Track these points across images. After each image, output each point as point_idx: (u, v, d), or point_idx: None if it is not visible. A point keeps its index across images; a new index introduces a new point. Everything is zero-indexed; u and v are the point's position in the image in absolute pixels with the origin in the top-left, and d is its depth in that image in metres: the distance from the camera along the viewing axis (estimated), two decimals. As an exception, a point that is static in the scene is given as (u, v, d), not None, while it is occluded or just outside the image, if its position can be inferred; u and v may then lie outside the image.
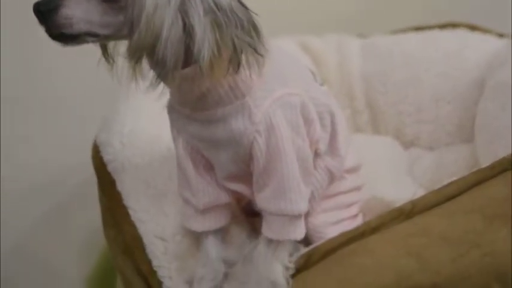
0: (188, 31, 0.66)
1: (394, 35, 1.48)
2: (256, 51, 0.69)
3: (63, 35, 0.69)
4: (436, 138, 1.38)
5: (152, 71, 0.71)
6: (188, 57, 0.68)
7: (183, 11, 0.65)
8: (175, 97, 0.80)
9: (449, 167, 1.27)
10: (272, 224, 0.81)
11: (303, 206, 0.81)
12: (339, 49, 1.49)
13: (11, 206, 1.35)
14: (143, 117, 1.14)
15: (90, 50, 0.76)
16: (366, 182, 0.99)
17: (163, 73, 0.69)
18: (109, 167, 1.04)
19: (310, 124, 0.83)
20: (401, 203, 0.88)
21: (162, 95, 0.75)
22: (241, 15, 0.67)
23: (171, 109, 0.83)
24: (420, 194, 0.91)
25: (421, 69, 1.38)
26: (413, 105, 1.39)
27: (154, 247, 0.90)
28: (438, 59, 1.37)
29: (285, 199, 0.79)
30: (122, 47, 0.74)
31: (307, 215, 0.88)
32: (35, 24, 0.69)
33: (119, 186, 1.00)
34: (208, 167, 0.86)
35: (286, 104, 0.78)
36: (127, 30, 0.68)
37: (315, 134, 0.84)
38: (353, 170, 0.96)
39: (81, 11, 0.68)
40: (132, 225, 0.94)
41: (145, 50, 0.67)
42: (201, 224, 0.88)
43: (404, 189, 1.12)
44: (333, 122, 0.88)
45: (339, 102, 0.93)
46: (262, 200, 0.82)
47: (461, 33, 1.40)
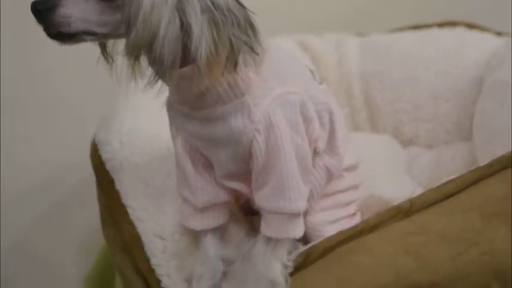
0: (185, 29, 0.66)
1: (393, 34, 1.48)
2: (252, 50, 0.69)
3: (61, 34, 0.69)
4: (434, 136, 1.38)
5: (150, 68, 0.71)
6: (186, 56, 0.68)
7: (180, 9, 0.65)
8: (174, 95, 0.80)
9: (448, 165, 1.27)
10: (271, 223, 0.81)
11: (301, 205, 0.81)
12: (337, 48, 1.49)
13: (10, 205, 1.35)
14: (142, 116, 1.14)
15: (90, 49, 0.76)
16: (364, 180, 0.99)
17: (161, 71, 0.69)
18: (107, 166, 1.04)
19: (309, 123, 0.83)
20: (399, 201, 0.88)
21: (161, 93, 0.75)
22: (238, 14, 0.67)
23: (170, 107, 0.83)
24: (418, 192, 0.91)
25: (419, 67, 1.38)
26: (412, 103, 1.39)
27: (153, 245, 0.90)
28: (436, 58, 1.37)
29: (283, 197, 0.79)
30: (120, 45, 0.74)
31: (306, 214, 0.88)
32: (35, 23, 0.69)
33: (118, 185, 1.00)
34: (207, 165, 0.86)
35: (286, 103, 0.78)
36: (124, 28, 0.68)
37: (314, 133, 0.84)
38: (351, 169, 0.96)
39: (78, 10, 0.68)
40: (130, 224, 0.94)
41: (142, 48, 0.67)
42: (199, 223, 0.88)
43: (402, 188, 1.12)
44: (331, 120, 0.88)
45: (338, 101, 0.93)
46: (261, 199, 0.82)
47: (459, 32, 1.40)
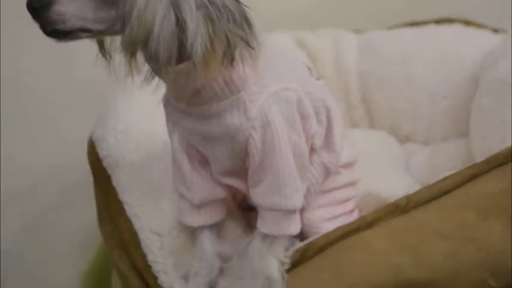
0: (181, 26, 0.66)
1: (390, 31, 1.48)
2: (248, 44, 0.69)
3: (57, 31, 0.69)
4: (431, 133, 1.38)
5: (147, 65, 0.71)
6: (182, 52, 0.68)
7: (176, 5, 0.65)
8: (170, 92, 0.80)
9: (445, 161, 1.27)
10: (267, 219, 0.81)
11: (297, 201, 0.81)
12: (334, 45, 1.49)
13: (7, 203, 1.35)
14: (138, 113, 1.14)
15: (87, 47, 0.76)
16: (361, 177, 0.99)
17: (157, 68, 0.69)
18: (104, 163, 1.04)
19: (306, 119, 0.82)
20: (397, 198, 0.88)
21: (158, 90, 0.75)
22: (233, 9, 0.67)
23: (167, 103, 0.83)
24: (415, 188, 0.91)
25: (416, 64, 1.38)
26: (409, 100, 1.39)
27: (150, 242, 0.90)
28: (433, 55, 1.37)
29: (279, 194, 0.79)
30: (118, 42, 0.73)
31: (303, 210, 0.88)
32: (32, 21, 0.69)
33: (114, 182, 1.00)
34: (204, 162, 0.86)
35: (282, 99, 0.78)
36: (120, 25, 0.68)
37: (310, 130, 0.84)
38: (348, 165, 0.96)
39: (73, 7, 0.68)
40: (127, 221, 0.94)
41: (138, 45, 0.67)
42: (196, 219, 0.88)
43: (400, 185, 1.12)
44: (329, 117, 0.88)
45: (335, 98, 0.93)
46: (257, 195, 0.82)
47: (456, 29, 1.40)
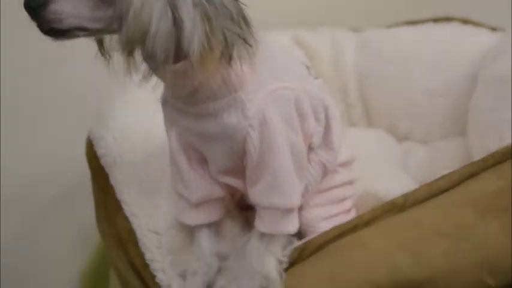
0: (178, 24, 0.66)
1: (388, 29, 1.48)
2: (246, 42, 0.69)
3: (54, 30, 0.69)
4: (429, 131, 1.38)
5: (145, 63, 0.71)
6: (180, 51, 0.68)
7: (172, 4, 0.65)
8: (168, 90, 0.80)
9: (443, 160, 1.27)
10: (265, 218, 0.81)
11: (295, 200, 0.81)
12: (333, 43, 1.49)
13: (5, 202, 1.35)
14: (137, 112, 1.14)
15: (85, 46, 0.76)
16: (359, 176, 0.99)
17: (154, 67, 0.69)
18: (102, 161, 1.04)
19: (304, 119, 0.82)
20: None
21: (156, 88, 0.75)
22: (230, 7, 0.67)
23: (165, 102, 0.83)
24: (413, 187, 0.91)
25: (414, 63, 1.38)
26: (407, 98, 1.39)
27: (148, 241, 0.90)
28: (431, 53, 1.37)
29: (277, 193, 0.79)
30: (116, 41, 0.74)
31: (301, 209, 0.88)
32: (30, 20, 0.69)
33: (112, 180, 1.00)
34: (202, 161, 0.86)
35: (280, 98, 0.78)
36: (117, 24, 0.67)
37: (309, 129, 0.84)
38: (346, 164, 0.96)
39: (70, 6, 0.68)
40: (125, 219, 0.94)
41: (135, 44, 0.67)
42: (194, 218, 0.88)
43: (398, 184, 1.12)
44: (327, 115, 0.88)
45: (333, 97, 0.93)
46: (255, 194, 0.82)
47: (454, 27, 1.40)
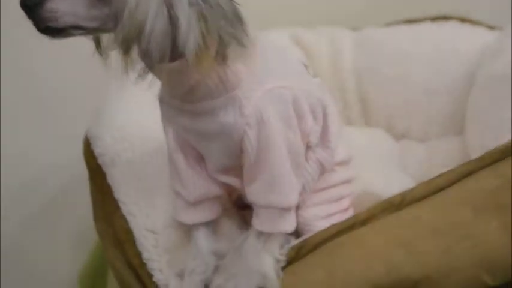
0: (174, 23, 0.66)
1: (386, 28, 1.47)
2: (240, 42, 0.69)
3: (50, 29, 0.69)
4: (427, 130, 1.38)
5: (141, 61, 0.71)
6: (176, 50, 0.68)
7: (168, 3, 0.65)
8: (165, 89, 0.80)
9: (440, 158, 1.27)
10: (262, 217, 0.81)
11: (292, 199, 0.81)
12: (331, 42, 1.48)
13: (4, 201, 1.35)
14: (134, 111, 1.14)
15: (82, 45, 0.76)
16: (357, 175, 0.99)
17: (150, 65, 0.69)
18: (99, 161, 1.04)
19: (302, 117, 0.82)
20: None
21: (153, 87, 0.75)
22: (226, 7, 0.67)
23: (162, 100, 0.83)
24: (411, 186, 0.91)
25: (412, 62, 1.38)
26: (405, 97, 1.38)
27: (145, 240, 0.90)
28: (429, 52, 1.36)
29: (274, 192, 0.79)
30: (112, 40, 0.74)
31: (298, 208, 0.88)
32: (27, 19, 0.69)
33: (109, 180, 1.00)
34: (199, 159, 0.86)
35: (278, 97, 0.78)
36: (112, 23, 0.68)
37: (306, 127, 0.84)
38: (343, 163, 0.95)
39: (66, 5, 0.68)
40: (122, 218, 0.94)
41: (131, 42, 0.67)
42: (191, 217, 0.88)
43: (395, 183, 1.11)
44: (325, 114, 0.87)
45: (331, 96, 0.93)
46: (252, 193, 0.82)
47: (452, 26, 1.40)
